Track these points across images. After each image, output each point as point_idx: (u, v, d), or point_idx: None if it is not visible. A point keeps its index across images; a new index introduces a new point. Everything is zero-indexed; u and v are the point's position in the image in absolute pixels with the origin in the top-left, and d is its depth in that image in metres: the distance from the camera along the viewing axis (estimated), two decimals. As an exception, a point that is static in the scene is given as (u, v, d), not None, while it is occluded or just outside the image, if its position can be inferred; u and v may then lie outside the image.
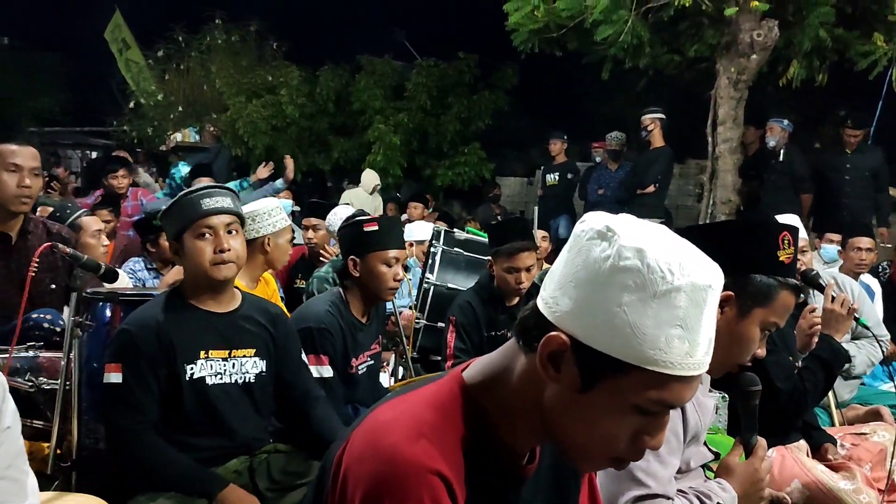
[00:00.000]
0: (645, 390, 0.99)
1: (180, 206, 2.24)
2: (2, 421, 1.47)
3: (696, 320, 0.99)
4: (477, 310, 3.56)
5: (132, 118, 12.77)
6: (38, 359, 2.58)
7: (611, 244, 1.00)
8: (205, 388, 2.21)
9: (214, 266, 2.20)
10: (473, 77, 10.72)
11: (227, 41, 12.07)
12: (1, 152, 2.82)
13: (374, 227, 2.92)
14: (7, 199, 2.81)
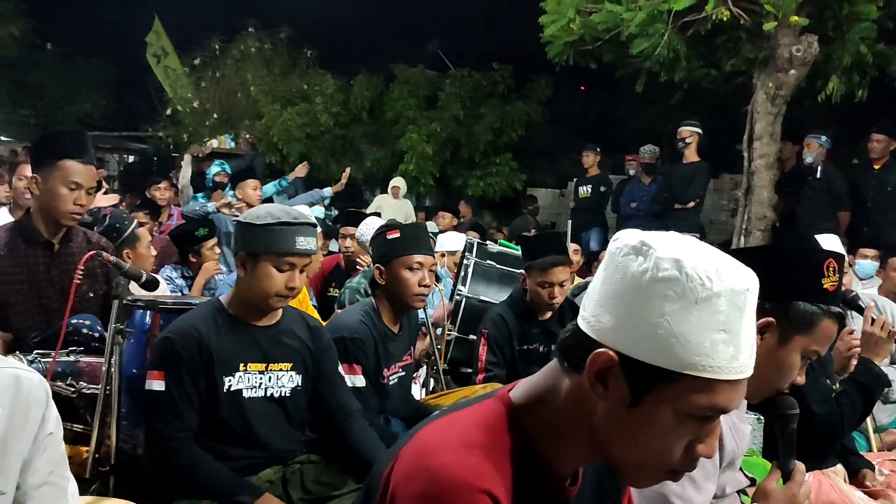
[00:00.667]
0: (694, 397, 1.00)
1: (272, 232, 2.21)
2: (45, 427, 1.50)
3: (737, 324, 1.01)
4: (509, 323, 3.56)
5: (168, 124, 12.98)
6: (79, 363, 2.62)
7: (647, 258, 1.02)
8: (241, 401, 2.24)
9: (277, 297, 2.23)
10: (507, 88, 10.75)
11: (261, 49, 12.23)
12: (65, 168, 2.82)
13: (397, 234, 2.94)
14: (61, 213, 2.85)
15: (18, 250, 2.86)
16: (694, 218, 7.27)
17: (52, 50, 16.28)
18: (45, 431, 1.49)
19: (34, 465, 1.46)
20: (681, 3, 6.09)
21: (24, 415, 1.45)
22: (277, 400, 2.32)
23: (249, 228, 2.24)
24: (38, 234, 2.90)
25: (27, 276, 2.87)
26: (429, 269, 2.96)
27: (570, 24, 6.92)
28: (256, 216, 2.25)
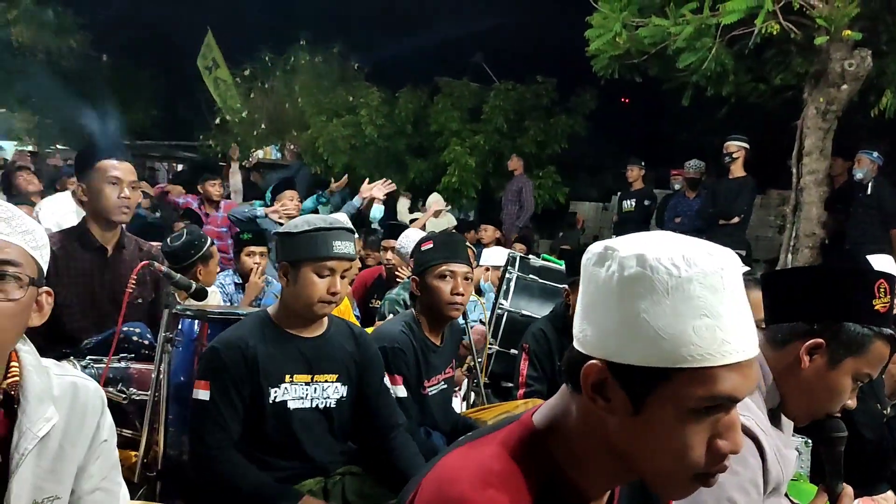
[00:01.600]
0: (694, 390, 0.97)
1: (310, 238, 2.26)
2: (99, 434, 1.55)
3: (719, 306, 0.97)
4: (550, 339, 3.54)
5: (217, 133, 13.25)
6: (130, 370, 2.70)
7: (613, 260, 1.01)
8: (286, 412, 2.27)
9: (321, 304, 2.26)
10: (551, 101, 10.73)
11: (311, 62, 12.43)
12: (103, 167, 3.00)
13: (430, 245, 2.96)
14: (109, 209, 2.98)
15: (75, 254, 2.97)
16: (739, 234, 7.16)
17: (107, 62, 16.74)
18: (100, 438, 1.54)
19: (88, 471, 1.51)
20: (729, 17, 6.02)
21: (81, 422, 1.50)
22: (322, 411, 2.34)
23: (288, 238, 2.29)
24: (92, 240, 3.01)
25: (81, 280, 2.98)
26: (464, 278, 2.94)
27: (616, 38, 6.89)
28: (294, 226, 2.30)
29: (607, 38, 6.97)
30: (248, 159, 11.99)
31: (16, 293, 1.34)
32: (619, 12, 6.97)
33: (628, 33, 6.85)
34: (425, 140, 11.16)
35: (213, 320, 2.63)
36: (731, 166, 7.15)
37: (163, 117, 17.13)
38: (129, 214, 3.09)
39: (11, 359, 1.41)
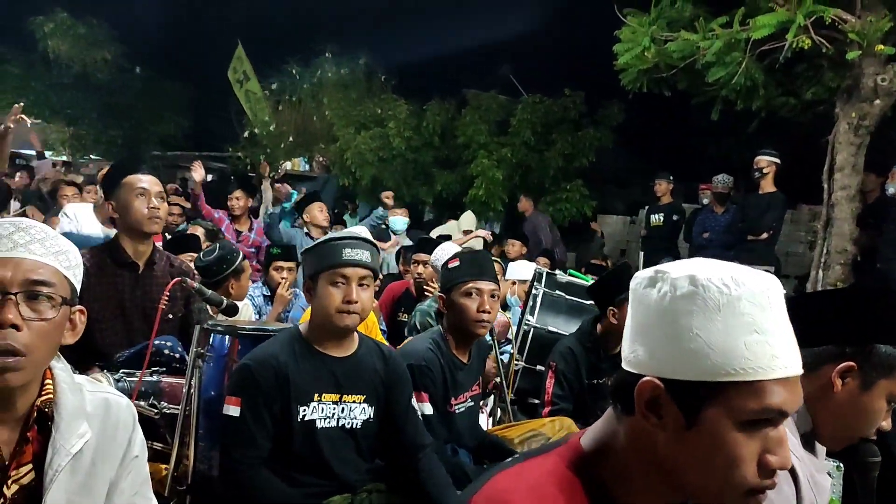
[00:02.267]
0: (746, 402, 1.01)
1: (321, 250, 2.34)
2: (131, 449, 1.57)
3: (767, 322, 1.03)
4: (578, 357, 3.54)
5: (247, 145, 13.39)
6: (161, 384, 2.73)
7: (664, 282, 1.07)
8: (314, 431, 2.29)
9: (339, 314, 2.29)
10: (578, 113, 10.70)
11: (337, 74, 12.53)
12: (129, 182, 3.06)
13: (456, 263, 2.98)
14: (140, 220, 3.04)
15: (107, 270, 3.02)
16: (768, 250, 7.08)
17: (139, 73, 17.01)
18: (132, 454, 1.56)
19: (120, 486, 1.53)
20: (760, 32, 5.98)
21: (112, 438, 1.52)
22: (349, 431, 2.36)
23: (307, 254, 2.38)
24: (124, 256, 3.06)
25: (114, 295, 3.02)
26: (490, 296, 2.95)
27: (644, 52, 6.87)
28: (315, 243, 2.40)
29: (636, 52, 6.95)
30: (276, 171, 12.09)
31: (49, 313, 1.38)
32: (647, 27, 6.95)
33: (657, 47, 6.83)
34: (452, 152, 11.17)
35: (244, 336, 2.65)
36: (760, 181, 7.09)
37: (193, 128, 17.35)
38: (160, 224, 3.15)
39: (46, 376, 1.44)
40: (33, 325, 1.35)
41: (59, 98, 15.77)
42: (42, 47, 15.00)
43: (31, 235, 1.39)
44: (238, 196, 6.66)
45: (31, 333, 1.34)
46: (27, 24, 14.75)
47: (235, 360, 2.62)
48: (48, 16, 14.77)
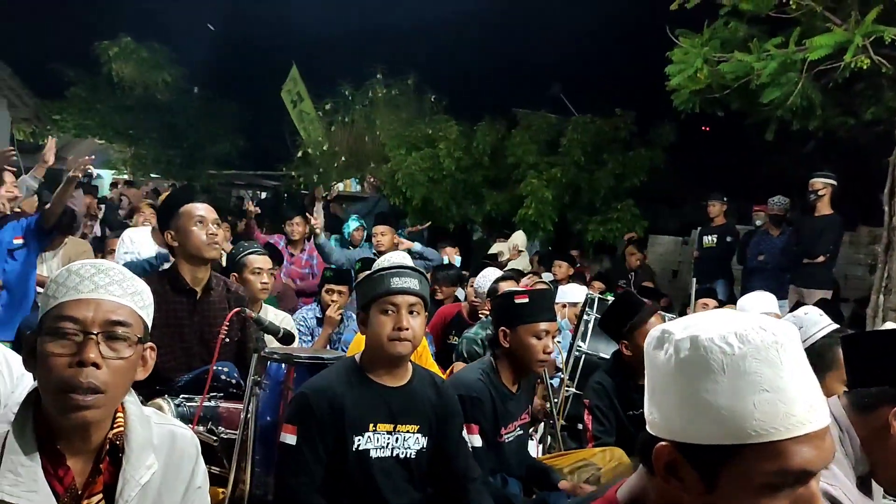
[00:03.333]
0: (764, 465, 0.97)
1: (371, 281, 2.40)
2: (194, 480, 1.64)
3: (778, 380, 0.98)
4: (610, 390, 3.46)
5: (300, 165, 13.64)
6: (219, 409, 2.81)
7: (669, 343, 1.04)
8: (368, 461, 2.32)
9: (391, 342, 2.33)
10: (630, 133, 10.64)
11: (389, 95, 12.70)
12: (187, 211, 3.20)
13: (525, 300, 2.97)
14: (200, 246, 3.15)
15: (167, 297, 3.12)
16: (825, 273, 6.92)
17: (197, 94, 17.50)
18: (195, 485, 1.63)
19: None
20: (816, 53, 5.88)
21: (178, 469, 1.59)
22: (403, 461, 2.39)
23: (358, 287, 2.46)
24: (183, 283, 3.16)
25: (173, 321, 3.12)
26: (552, 336, 2.99)
27: (697, 73, 6.81)
28: (368, 273, 2.45)
29: (688, 73, 6.90)
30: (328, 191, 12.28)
31: (126, 352, 1.46)
32: (700, 47, 6.90)
33: (710, 68, 6.77)
34: (502, 172, 11.20)
35: (300, 364, 2.72)
36: (816, 203, 6.94)
37: (248, 148, 17.74)
38: (218, 250, 3.26)
39: (118, 409, 1.51)
40: (112, 364, 1.43)
41: (121, 119, 16.33)
42: (107, 70, 15.56)
43: (110, 277, 1.48)
44: (297, 222, 6.82)
45: (110, 371, 1.42)
46: (94, 48, 15.32)
47: (291, 388, 2.68)
48: (113, 40, 15.31)
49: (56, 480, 1.43)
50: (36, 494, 1.38)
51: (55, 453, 1.43)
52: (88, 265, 1.48)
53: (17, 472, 1.38)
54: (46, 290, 1.46)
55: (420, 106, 12.73)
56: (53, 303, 1.43)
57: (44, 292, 1.45)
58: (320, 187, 7.69)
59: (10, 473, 1.37)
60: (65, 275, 1.45)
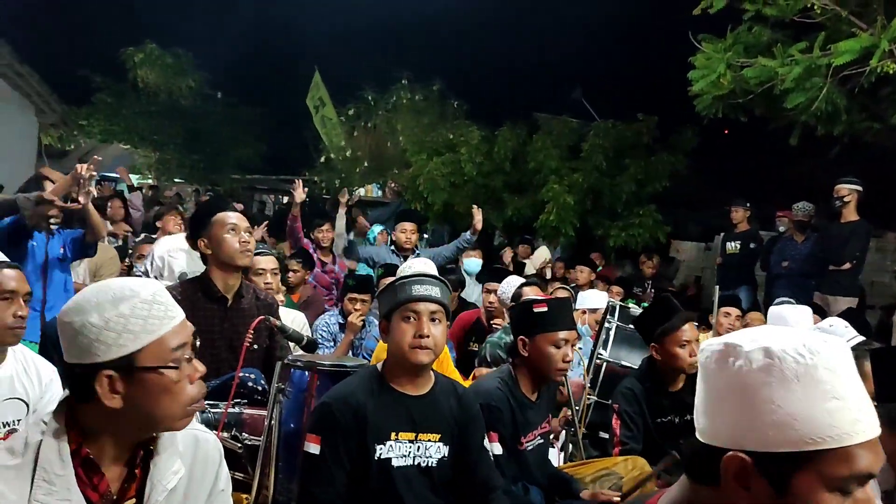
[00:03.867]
0: (836, 469, 1.02)
1: (393, 289, 2.42)
2: (217, 484, 1.68)
3: (844, 387, 1.04)
4: (639, 396, 3.45)
5: (322, 170, 13.72)
6: (243, 415, 2.83)
7: (738, 355, 1.08)
8: (389, 469, 2.33)
9: (412, 350, 2.34)
10: (651, 138, 10.58)
11: (412, 100, 12.74)
12: (220, 220, 3.23)
13: (544, 309, 2.98)
14: (233, 253, 3.19)
15: (199, 304, 3.16)
16: (851, 280, 6.82)
17: (220, 100, 17.66)
18: (218, 488, 1.68)
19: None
20: (842, 58, 5.83)
21: (202, 473, 1.64)
22: (425, 469, 2.40)
23: (381, 296, 2.47)
24: (215, 290, 3.20)
25: (204, 328, 3.14)
26: (572, 345, 2.99)
27: (720, 79, 6.78)
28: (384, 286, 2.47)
29: (711, 78, 6.87)
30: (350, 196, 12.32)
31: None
32: (723, 52, 6.86)
33: (733, 74, 6.73)
34: (523, 177, 11.17)
35: (323, 372, 2.74)
36: (842, 209, 6.85)
37: (270, 152, 17.88)
38: (250, 257, 3.29)
39: None
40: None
41: (146, 124, 16.52)
42: (132, 77, 15.76)
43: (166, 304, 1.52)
44: (326, 228, 6.87)
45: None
46: (119, 55, 15.53)
47: (314, 395, 2.70)
48: (138, 47, 15.51)
49: (90, 489, 1.46)
50: (70, 503, 1.41)
51: (89, 461, 1.47)
52: (146, 306, 1.48)
53: (51, 480, 1.41)
54: (126, 327, 1.43)
55: (442, 111, 12.75)
56: (153, 337, 1.45)
57: (116, 333, 1.42)
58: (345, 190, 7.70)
59: (45, 482, 1.41)
60: (146, 307, 1.46)
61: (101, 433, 1.48)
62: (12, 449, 1.43)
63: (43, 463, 1.42)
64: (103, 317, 1.42)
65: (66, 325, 1.44)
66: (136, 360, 1.44)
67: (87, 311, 1.43)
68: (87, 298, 1.45)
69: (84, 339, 1.41)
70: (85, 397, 1.45)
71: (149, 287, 1.51)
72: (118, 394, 1.43)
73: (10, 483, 1.39)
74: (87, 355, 1.42)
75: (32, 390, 2.55)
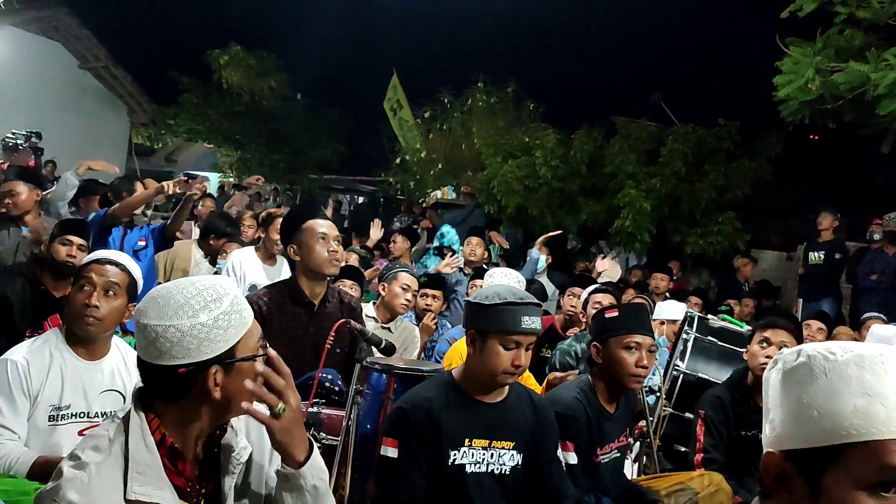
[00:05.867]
0: (865, 464, 1.02)
1: (499, 312, 2.34)
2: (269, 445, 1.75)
3: (881, 386, 1.03)
4: (727, 406, 3.44)
5: (398, 171, 13.88)
6: (321, 415, 2.90)
7: (777, 361, 1.14)
8: (463, 475, 2.35)
9: (504, 374, 2.35)
10: (733, 144, 10.29)
11: (487, 103, 12.75)
12: (311, 227, 3.29)
13: (615, 314, 2.96)
14: (322, 263, 3.26)
15: (285, 308, 3.26)
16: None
17: (301, 101, 18.06)
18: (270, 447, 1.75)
19: (269, 471, 1.73)
20: (940, 63, 5.58)
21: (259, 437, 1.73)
22: (498, 477, 2.41)
23: (479, 309, 2.39)
24: (302, 295, 3.28)
25: (290, 332, 3.24)
26: (648, 350, 2.95)
27: (808, 83, 6.57)
28: (485, 297, 2.39)
29: (798, 83, 6.66)
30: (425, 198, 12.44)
31: None
32: (812, 56, 6.65)
33: (822, 78, 6.51)
34: (599, 181, 11.00)
35: (399, 375, 2.79)
36: (938, 220, 6.56)
37: (347, 153, 18.19)
38: (338, 267, 3.36)
39: None
40: None
41: (229, 124, 17.05)
42: (217, 78, 16.28)
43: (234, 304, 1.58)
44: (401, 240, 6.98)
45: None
46: (205, 56, 16.07)
47: (391, 398, 2.75)
48: (224, 48, 16.01)
49: (176, 475, 1.55)
50: (162, 490, 1.49)
51: (173, 449, 1.55)
52: (235, 287, 1.62)
53: (143, 471, 1.49)
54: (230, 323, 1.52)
55: (517, 113, 12.71)
56: (245, 329, 1.57)
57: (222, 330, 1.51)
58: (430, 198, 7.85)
59: (138, 474, 1.48)
60: (239, 302, 1.57)
61: (188, 424, 1.56)
62: (97, 447, 1.51)
63: (133, 455, 1.49)
64: (212, 315, 1.50)
65: (168, 328, 1.48)
66: (236, 353, 1.53)
67: (191, 312, 1.49)
68: (181, 302, 1.50)
69: (193, 340, 1.48)
70: (179, 395, 1.52)
71: (230, 283, 1.61)
72: (218, 386, 1.52)
73: (104, 477, 1.47)
74: (197, 353, 1.49)
75: (130, 384, 2.68)
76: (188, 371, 1.49)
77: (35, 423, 2.53)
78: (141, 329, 1.50)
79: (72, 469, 1.47)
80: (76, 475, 1.46)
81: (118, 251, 2.99)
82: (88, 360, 2.65)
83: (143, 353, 1.52)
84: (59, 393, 2.56)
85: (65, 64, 14.63)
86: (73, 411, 2.59)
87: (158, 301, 1.51)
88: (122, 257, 2.76)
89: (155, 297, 1.52)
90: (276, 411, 1.55)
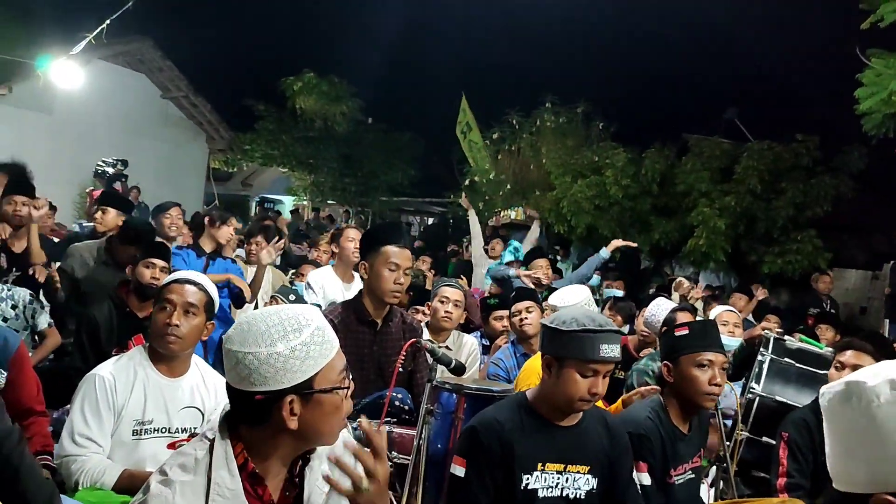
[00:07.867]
0: None
1: (578, 339, 2.29)
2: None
3: None
4: (813, 430, 3.29)
5: (467, 192, 13.95)
6: (392, 433, 2.94)
7: (862, 392, 1.05)
8: (535, 500, 2.32)
9: (581, 401, 2.32)
10: (812, 160, 9.98)
11: (556, 123, 12.71)
12: (386, 252, 3.30)
13: (685, 331, 2.89)
14: (384, 292, 3.30)
15: (351, 326, 3.31)
16: None
17: (372, 125, 18.38)
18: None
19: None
20: None
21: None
22: (572, 501, 2.37)
23: (556, 334, 2.34)
24: (366, 314, 3.34)
25: (355, 350, 3.29)
26: (720, 368, 2.88)
27: (891, 96, 6.36)
28: (563, 321, 2.34)
29: (881, 96, 6.47)
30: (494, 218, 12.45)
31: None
32: (895, 68, 6.44)
33: (907, 90, 6.30)
34: (671, 200, 10.85)
35: (470, 395, 2.81)
36: None
37: (418, 175, 18.38)
38: (399, 299, 3.39)
39: None
40: None
41: (303, 149, 17.46)
42: (291, 104, 16.72)
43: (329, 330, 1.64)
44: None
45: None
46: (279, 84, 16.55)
47: (461, 417, 2.77)
48: (297, 75, 16.45)
49: (256, 499, 1.59)
50: None
51: (254, 475, 1.59)
52: (320, 318, 1.64)
53: (223, 494, 1.54)
54: (308, 354, 1.54)
55: (587, 133, 12.64)
56: (326, 361, 1.58)
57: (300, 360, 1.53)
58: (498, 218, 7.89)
59: (219, 497, 1.54)
60: (321, 334, 1.58)
61: (270, 451, 1.59)
62: (184, 465, 1.57)
63: (216, 479, 1.54)
64: (289, 346, 1.52)
65: (246, 355, 1.52)
66: (314, 384, 1.55)
67: (269, 341, 1.52)
68: (262, 330, 1.53)
69: (269, 369, 1.51)
70: (259, 421, 1.56)
71: (316, 314, 1.62)
72: (295, 416, 1.54)
73: (188, 497, 1.53)
74: (273, 382, 1.51)
75: (208, 401, 2.77)
76: (265, 398, 1.52)
77: (119, 437, 2.64)
78: (226, 353, 1.56)
79: (159, 485, 1.54)
80: (162, 492, 1.52)
81: (196, 272, 3.10)
82: (170, 377, 2.75)
83: (227, 375, 1.58)
84: (142, 408, 2.67)
85: (149, 94, 15.29)
86: (156, 426, 2.69)
87: (243, 327, 1.56)
88: (199, 277, 2.86)
89: (241, 323, 1.57)
90: (359, 486, 1.52)
